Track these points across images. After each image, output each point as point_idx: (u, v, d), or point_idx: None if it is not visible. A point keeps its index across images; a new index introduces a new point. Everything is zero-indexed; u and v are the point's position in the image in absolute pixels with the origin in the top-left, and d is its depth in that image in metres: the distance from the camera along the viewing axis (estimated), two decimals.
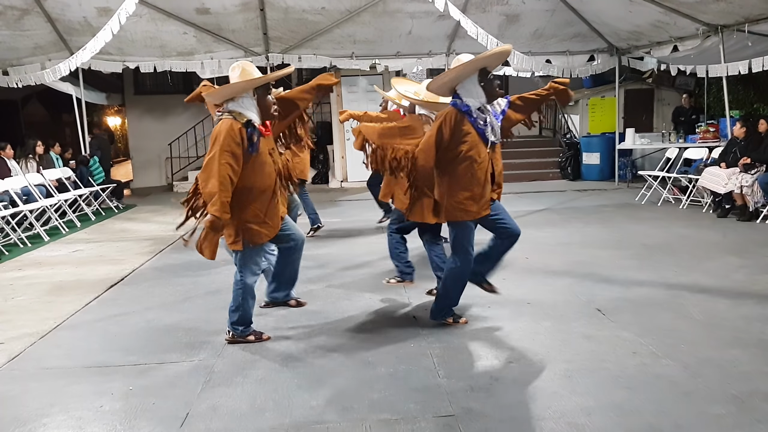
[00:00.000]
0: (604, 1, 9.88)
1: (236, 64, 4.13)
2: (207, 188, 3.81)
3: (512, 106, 4.37)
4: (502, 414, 3.20)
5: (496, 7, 10.52)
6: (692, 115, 12.26)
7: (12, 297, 5.77)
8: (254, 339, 4.31)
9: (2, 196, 8.56)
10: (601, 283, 5.47)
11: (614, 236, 7.47)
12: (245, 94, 4.01)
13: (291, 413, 3.29)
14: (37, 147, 10.42)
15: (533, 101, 4.41)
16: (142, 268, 6.71)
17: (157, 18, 10.43)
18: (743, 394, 3.30)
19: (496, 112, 4.25)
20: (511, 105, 4.36)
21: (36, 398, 3.58)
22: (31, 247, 8.02)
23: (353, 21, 10.83)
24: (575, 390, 3.43)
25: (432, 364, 3.84)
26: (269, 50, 11.49)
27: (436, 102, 4.71)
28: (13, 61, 11.03)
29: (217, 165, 3.79)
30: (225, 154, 3.81)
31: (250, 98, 4.02)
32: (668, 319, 4.51)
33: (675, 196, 9.80)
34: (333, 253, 6.90)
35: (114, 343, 4.45)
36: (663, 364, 3.73)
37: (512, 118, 4.38)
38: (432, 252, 5.08)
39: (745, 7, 8.35)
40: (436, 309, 4.54)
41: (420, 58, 12.00)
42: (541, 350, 4.00)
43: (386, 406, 3.33)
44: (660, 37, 10.53)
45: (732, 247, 6.64)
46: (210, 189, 3.80)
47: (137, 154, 15.62)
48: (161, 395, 3.57)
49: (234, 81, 4.01)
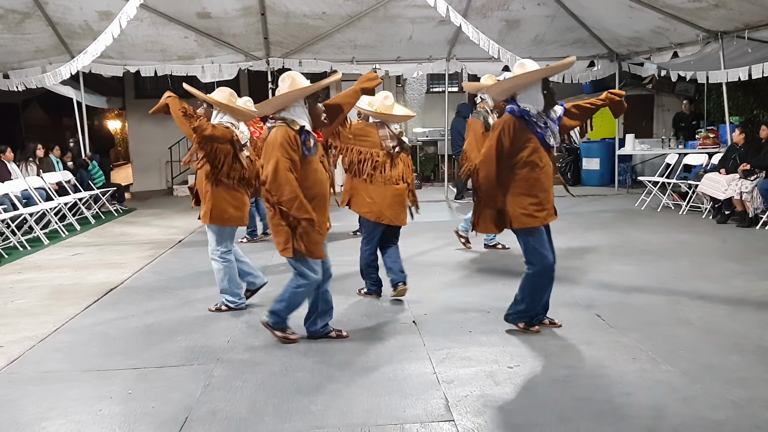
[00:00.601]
0: (605, 7, 9.91)
1: (286, 75, 4.14)
2: (285, 197, 3.83)
3: (567, 114, 4.43)
4: (501, 419, 3.19)
5: (496, 13, 10.56)
6: (692, 121, 12.28)
7: (11, 300, 5.77)
8: (281, 335, 4.31)
9: (2, 199, 8.56)
10: (601, 288, 5.47)
11: (614, 242, 7.47)
12: (296, 103, 4.02)
13: (290, 418, 3.29)
14: (37, 150, 10.43)
15: (588, 110, 4.48)
16: (142, 272, 6.71)
17: (158, 22, 10.46)
18: (743, 400, 3.30)
19: (553, 118, 4.26)
20: (566, 112, 4.42)
21: (35, 402, 3.58)
22: (31, 250, 8.02)
23: (354, 26, 10.86)
24: (575, 395, 3.43)
25: (431, 369, 3.84)
26: (270, 55, 11.52)
27: (389, 114, 5.05)
28: (14, 65, 11.05)
29: (284, 173, 3.82)
30: (285, 161, 3.83)
31: (302, 107, 4.03)
32: (668, 325, 4.50)
33: (675, 202, 9.81)
34: (332, 258, 6.88)
35: (113, 347, 4.44)
36: (662, 369, 3.73)
37: (567, 125, 4.44)
38: (384, 254, 5.26)
39: (745, 13, 8.38)
40: (512, 313, 4.42)
41: (420, 63, 12.03)
42: (541, 355, 4.00)
43: (385, 410, 3.33)
44: (660, 43, 10.56)
45: (731, 253, 6.65)
46: (288, 196, 3.83)
47: (137, 157, 15.65)
48: (161, 399, 3.56)
49: (284, 91, 4.01)
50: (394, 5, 10.36)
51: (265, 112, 4.17)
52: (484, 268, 6.40)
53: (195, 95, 5.16)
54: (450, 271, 6.30)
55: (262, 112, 4.27)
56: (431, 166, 14.96)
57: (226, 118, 4.98)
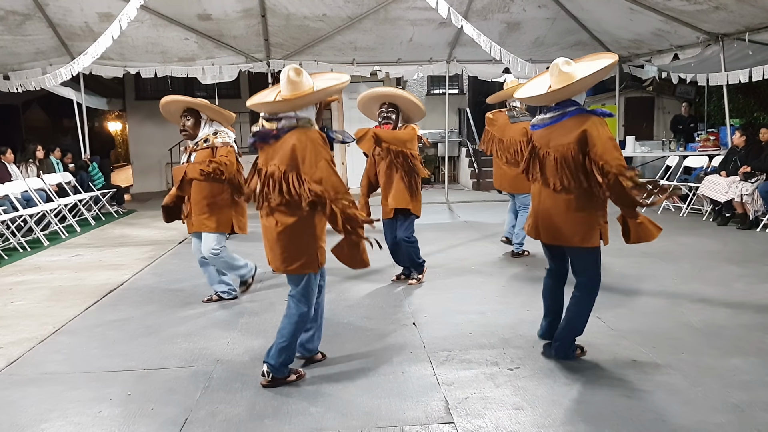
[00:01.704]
0: (605, 9, 9.90)
1: (296, 69, 3.69)
2: (342, 195, 3.43)
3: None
4: (502, 422, 3.19)
5: (497, 15, 10.55)
6: (690, 123, 12.28)
7: (11, 302, 5.76)
8: (296, 378, 3.78)
9: (2, 200, 8.56)
10: (601, 291, 5.39)
11: (614, 244, 7.40)
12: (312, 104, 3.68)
13: (290, 420, 3.28)
14: (37, 152, 10.43)
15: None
16: (142, 274, 6.70)
17: (158, 24, 10.46)
18: (743, 403, 3.30)
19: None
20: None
21: (35, 403, 3.57)
22: (31, 251, 8.01)
23: (354, 28, 10.86)
24: (576, 398, 3.42)
25: (431, 371, 3.83)
26: (270, 56, 11.52)
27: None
28: (15, 66, 11.04)
29: (334, 173, 3.47)
30: (329, 161, 3.48)
31: (314, 108, 3.69)
32: (668, 327, 4.50)
33: (675, 205, 9.80)
34: (331, 259, 6.88)
35: (113, 349, 4.44)
36: (663, 372, 3.72)
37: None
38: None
39: (746, 16, 8.38)
40: (564, 346, 3.94)
41: (421, 65, 12.03)
42: (541, 358, 3.99)
43: (385, 412, 3.32)
44: (661, 45, 10.56)
45: (732, 255, 6.64)
46: (345, 195, 3.45)
47: (138, 159, 15.65)
48: (160, 401, 3.56)
49: (323, 86, 3.63)
50: (394, 7, 10.36)
51: (296, 107, 3.60)
52: (484, 270, 6.39)
53: (191, 103, 5.10)
54: (450, 272, 6.29)
55: (292, 106, 3.60)
56: (431, 168, 14.97)
57: (215, 127, 5.11)
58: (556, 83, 3.77)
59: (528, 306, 5.02)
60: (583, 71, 3.73)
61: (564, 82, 3.71)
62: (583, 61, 3.90)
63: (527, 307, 5.00)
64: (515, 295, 5.36)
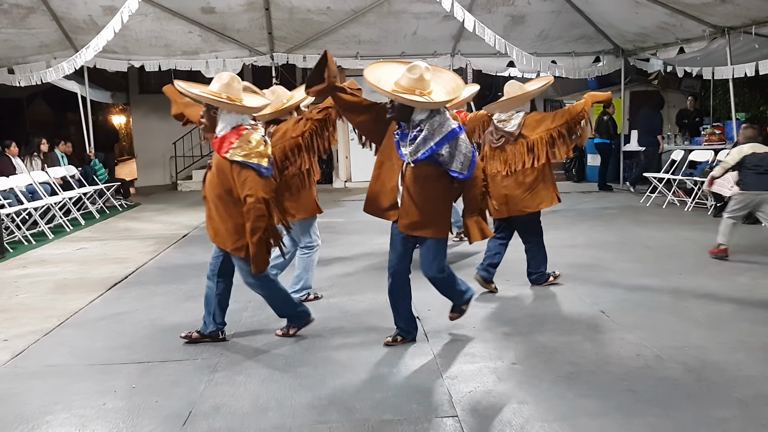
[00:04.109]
0: (610, 2, 9.86)
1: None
2: None
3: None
4: (505, 415, 3.19)
5: (501, 8, 10.52)
6: (696, 117, 12.23)
7: (16, 294, 5.78)
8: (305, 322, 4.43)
9: (7, 193, 8.58)
10: (606, 285, 5.45)
11: (618, 238, 7.45)
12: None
13: (294, 413, 3.29)
14: (41, 145, 10.44)
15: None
16: (146, 267, 6.71)
17: (162, 17, 10.45)
18: (748, 397, 3.29)
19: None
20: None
21: (39, 396, 3.59)
22: (36, 244, 8.03)
23: (358, 21, 10.83)
24: (579, 392, 3.42)
25: (435, 365, 3.84)
26: (274, 50, 11.51)
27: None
28: (19, 60, 11.04)
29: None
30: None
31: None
32: (673, 322, 4.49)
33: (680, 199, 9.77)
34: (336, 253, 6.90)
35: (117, 342, 4.44)
36: (667, 366, 3.71)
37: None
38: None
39: (752, 9, 8.33)
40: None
41: (425, 59, 11.97)
42: (545, 352, 3.99)
43: (389, 406, 3.33)
44: (666, 38, 10.51)
45: (737, 250, 6.61)
46: None
47: (142, 152, 15.65)
48: (164, 394, 3.56)
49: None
50: (398, 0, 10.34)
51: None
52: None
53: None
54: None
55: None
56: None
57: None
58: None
59: (532, 301, 5.01)
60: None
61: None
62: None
63: (531, 301, 5.00)
64: (521, 289, 5.34)
